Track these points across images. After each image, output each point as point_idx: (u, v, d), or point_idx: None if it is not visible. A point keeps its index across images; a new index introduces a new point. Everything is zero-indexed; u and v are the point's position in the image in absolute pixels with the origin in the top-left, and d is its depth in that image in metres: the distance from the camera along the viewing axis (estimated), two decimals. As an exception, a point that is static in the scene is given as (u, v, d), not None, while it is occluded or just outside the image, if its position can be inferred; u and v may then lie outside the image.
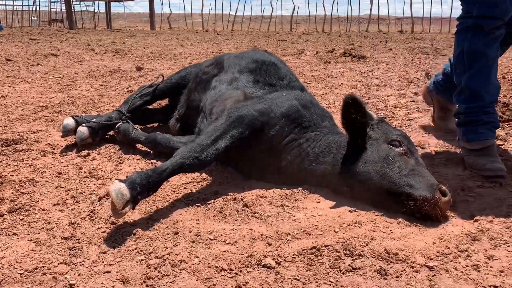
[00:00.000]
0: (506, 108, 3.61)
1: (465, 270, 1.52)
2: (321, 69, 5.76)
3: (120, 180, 1.81)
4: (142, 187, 1.85)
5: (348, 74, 5.30)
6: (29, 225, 1.89)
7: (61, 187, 2.28)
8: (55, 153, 2.78)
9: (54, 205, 2.09)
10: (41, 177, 2.41)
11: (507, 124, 3.22)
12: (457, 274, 1.50)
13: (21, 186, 2.29)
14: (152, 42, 9.34)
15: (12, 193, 2.20)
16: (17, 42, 7.90)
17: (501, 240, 1.71)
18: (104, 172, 2.49)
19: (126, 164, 2.62)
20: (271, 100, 2.37)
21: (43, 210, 2.03)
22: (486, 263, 1.57)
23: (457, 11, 14.83)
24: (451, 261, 1.58)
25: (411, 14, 23.16)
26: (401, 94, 4.21)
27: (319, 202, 2.10)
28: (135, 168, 2.55)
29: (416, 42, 9.83)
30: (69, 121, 2.83)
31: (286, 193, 2.16)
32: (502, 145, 2.81)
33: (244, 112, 2.26)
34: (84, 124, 2.81)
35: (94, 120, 2.87)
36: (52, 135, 3.13)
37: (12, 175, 2.42)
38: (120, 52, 7.06)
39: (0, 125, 3.30)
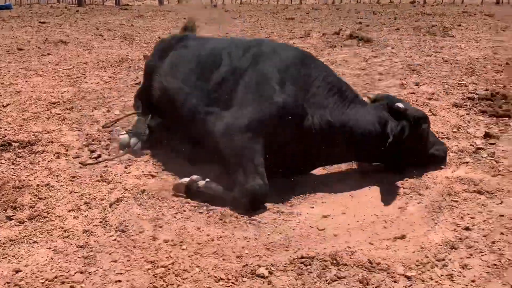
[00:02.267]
0: (504, 101, 3.66)
1: (440, 280, 1.68)
2: (326, 55, 5.81)
3: None
4: None
5: (352, 61, 5.36)
6: (47, 232, 2.09)
7: (75, 192, 2.47)
8: (69, 155, 2.95)
9: (69, 211, 2.28)
10: (56, 181, 2.60)
11: (502, 120, 3.30)
12: (431, 284, 1.66)
13: (39, 191, 2.48)
14: (160, 24, 9.40)
15: (30, 198, 2.39)
16: (27, 27, 8.01)
17: (477, 248, 1.86)
18: (114, 175, 2.66)
19: (135, 167, 2.78)
20: None
21: (59, 216, 2.22)
22: (460, 272, 1.72)
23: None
24: (428, 270, 1.73)
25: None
26: (402, 84, 4.28)
27: (313, 207, 2.26)
28: (143, 171, 2.72)
29: (426, 19, 9.71)
30: (125, 137, 3.02)
31: (282, 198, 2.32)
32: (493, 143, 2.91)
33: None
34: (134, 137, 3.00)
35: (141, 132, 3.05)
36: (65, 135, 3.30)
37: (30, 180, 2.60)
38: (128, 38, 7.14)
39: (16, 124, 3.47)
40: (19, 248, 1.97)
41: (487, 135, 3.01)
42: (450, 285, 1.65)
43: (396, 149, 2.34)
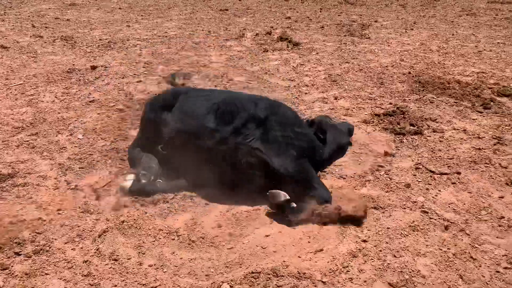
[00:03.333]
0: (402, 116, 4.60)
1: (344, 282, 2.53)
2: (260, 61, 6.50)
3: None
4: None
5: (283, 70, 6.08)
6: (54, 265, 2.68)
7: (65, 225, 3.04)
8: (49, 187, 3.47)
9: (65, 243, 2.87)
10: (46, 215, 3.14)
11: (398, 137, 4.23)
12: (338, 286, 2.50)
13: (33, 225, 3.02)
14: (96, 17, 9.50)
15: (29, 234, 2.94)
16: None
17: (369, 256, 2.73)
18: (94, 206, 3.25)
19: (107, 195, 3.38)
20: None
21: (59, 249, 2.81)
22: (357, 275, 2.58)
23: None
24: (337, 276, 2.58)
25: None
26: (324, 98, 5.11)
27: (258, 228, 3.02)
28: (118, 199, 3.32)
29: (348, 10, 10.63)
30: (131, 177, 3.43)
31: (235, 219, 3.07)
32: (390, 161, 3.82)
33: None
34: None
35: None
36: (38, 165, 3.77)
37: (22, 215, 3.12)
38: (69, 40, 7.33)
39: (-12, 154, 3.88)
40: (35, 280, 2.56)
41: (386, 153, 3.92)
42: (351, 286, 2.51)
43: None
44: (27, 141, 4.15)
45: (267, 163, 3.18)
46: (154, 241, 2.90)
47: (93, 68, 6.03)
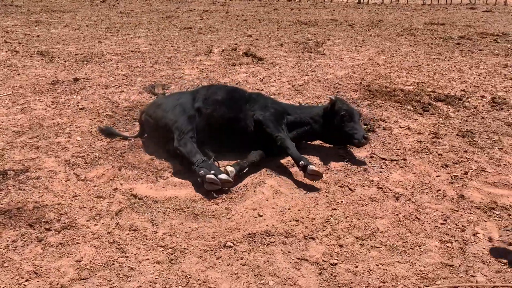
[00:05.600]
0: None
1: (321, 238, 3.23)
2: (230, 74, 7.21)
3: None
4: None
5: (252, 81, 6.83)
6: (82, 236, 3.20)
7: (84, 207, 3.56)
8: (61, 179, 3.96)
9: (88, 220, 3.39)
10: (64, 200, 3.64)
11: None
12: (317, 240, 3.20)
13: (56, 208, 3.52)
14: (65, 33, 9.88)
15: (54, 214, 3.44)
16: None
17: (339, 220, 3.45)
18: (105, 192, 3.78)
19: (119, 183, 3.92)
20: None
21: (83, 225, 3.33)
22: (331, 232, 3.29)
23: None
24: (315, 233, 3.27)
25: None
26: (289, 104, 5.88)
27: (254, 198, 3.68)
28: (130, 190, 3.87)
29: (302, 30, 11.62)
30: (212, 176, 3.77)
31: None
32: (349, 153, 4.60)
33: None
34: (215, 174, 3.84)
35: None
36: (46, 162, 4.24)
37: (44, 200, 3.61)
38: (46, 55, 7.74)
39: (-4, 154, 4.30)
40: (69, 248, 3.07)
41: (345, 147, 4.70)
42: (327, 239, 3.21)
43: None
44: (30, 142, 4.60)
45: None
46: (164, 215, 3.48)
47: (76, 80, 6.50)
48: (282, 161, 4.42)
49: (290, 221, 3.43)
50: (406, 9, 19.53)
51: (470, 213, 3.57)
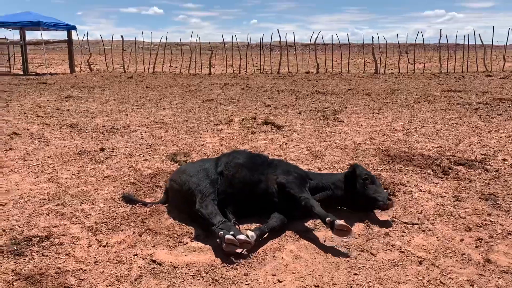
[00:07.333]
0: (377, 182, 5.43)
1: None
2: (250, 141, 7.40)
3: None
4: None
5: (271, 147, 6.99)
6: (102, 301, 3.20)
7: (104, 272, 3.58)
8: (83, 245, 4.03)
9: (107, 286, 3.39)
10: (85, 266, 3.67)
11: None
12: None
13: (77, 274, 3.55)
14: (94, 107, 10.42)
15: (74, 280, 3.46)
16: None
17: (361, 286, 3.36)
18: (125, 258, 3.81)
19: (139, 248, 3.95)
20: None
21: (103, 291, 3.34)
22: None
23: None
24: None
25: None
26: (309, 170, 5.94)
27: (272, 265, 3.63)
28: (150, 255, 3.89)
29: (320, 99, 11.95)
30: (230, 236, 3.75)
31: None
32: (371, 217, 4.56)
33: None
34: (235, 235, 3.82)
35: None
36: (69, 228, 4.34)
37: (65, 266, 3.65)
38: (75, 127, 8.15)
39: (23, 221, 4.43)
40: (88, 313, 3.06)
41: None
42: None
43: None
44: (55, 210, 4.73)
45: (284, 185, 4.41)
46: (182, 281, 3.46)
47: (102, 149, 6.77)
48: (302, 225, 4.40)
49: (311, 287, 3.36)
50: (422, 77, 20.00)
51: (498, 277, 3.44)
